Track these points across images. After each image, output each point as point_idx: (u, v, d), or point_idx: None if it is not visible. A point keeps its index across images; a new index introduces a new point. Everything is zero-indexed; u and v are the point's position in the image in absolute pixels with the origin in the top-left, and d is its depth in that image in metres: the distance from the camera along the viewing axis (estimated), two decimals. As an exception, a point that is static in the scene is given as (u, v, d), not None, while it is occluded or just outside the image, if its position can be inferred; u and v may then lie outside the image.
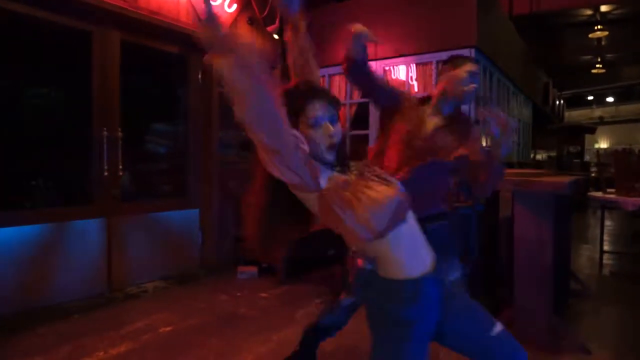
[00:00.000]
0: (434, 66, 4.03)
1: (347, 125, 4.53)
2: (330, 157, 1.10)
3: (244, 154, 4.54)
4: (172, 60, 3.76)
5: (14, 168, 2.89)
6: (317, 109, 1.09)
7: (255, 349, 2.31)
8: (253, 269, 3.75)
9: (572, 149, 9.26)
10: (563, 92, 12.26)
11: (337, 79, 4.63)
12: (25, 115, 3.11)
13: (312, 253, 3.92)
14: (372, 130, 4.33)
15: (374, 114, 4.35)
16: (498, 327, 1.21)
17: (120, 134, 3.11)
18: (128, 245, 3.24)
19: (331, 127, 1.09)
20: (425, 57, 4.09)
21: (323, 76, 4.67)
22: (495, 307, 2.83)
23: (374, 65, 4.34)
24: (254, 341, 2.40)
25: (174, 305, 3.00)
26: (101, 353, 2.25)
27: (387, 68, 4.32)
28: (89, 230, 3.04)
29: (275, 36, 4.36)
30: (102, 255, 3.10)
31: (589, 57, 10.91)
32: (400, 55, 4.22)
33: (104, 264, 3.11)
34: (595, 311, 2.97)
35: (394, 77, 4.38)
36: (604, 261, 4.17)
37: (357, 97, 4.51)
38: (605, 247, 4.42)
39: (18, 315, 2.64)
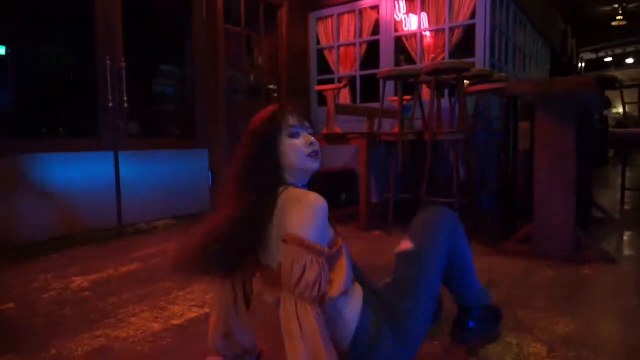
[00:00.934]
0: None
1: (357, 65, 4.39)
2: (313, 165, 1.05)
3: (252, 100, 4.46)
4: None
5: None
6: (295, 121, 1.06)
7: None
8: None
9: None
10: (581, 50, 11.80)
11: (346, 17, 4.47)
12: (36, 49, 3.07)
13: (327, 197, 3.86)
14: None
15: (384, 53, 4.21)
16: None
17: (123, 64, 3.03)
18: (138, 181, 3.20)
19: (311, 137, 1.06)
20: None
21: (332, 16, 4.52)
22: (512, 232, 2.75)
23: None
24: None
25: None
26: (112, 270, 2.23)
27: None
28: (98, 164, 3.00)
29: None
30: (111, 190, 3.07)
31: (610, 8, 10.45)
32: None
33: (114, 198, 3.08)
34: (619, 234, 2.87)
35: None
36: (626, 199, 4.04)
37: (367, 36, 4.35)
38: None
39: (30, 243, 2.63)
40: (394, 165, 2.96)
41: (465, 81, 3.16)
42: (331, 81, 4.55)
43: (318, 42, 4.66)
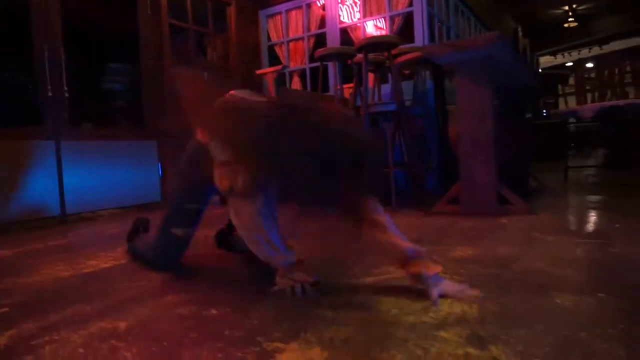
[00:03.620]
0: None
1: (307, 58, 4.51)
2: None
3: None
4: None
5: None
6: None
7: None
8: (215, 198, 3.73)
9: (548, 100, 9.28)
10: (537, 53, 12.21)
11: (294, 13, 4.60)
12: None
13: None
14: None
15: (331, 45, 4.33)
16: None
17: (63, 55, 3.07)
18: (82, 171, 3.20)
19: None
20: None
21: (280, 12, 4.65)
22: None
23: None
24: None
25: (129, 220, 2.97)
26: (40, 245, 2.22)
27: None
28: (40, 153, 2.99)
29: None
30: (54, 179, 3.06)
31: (560, 10, 10.94)
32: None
33: (56, 187, 3.06)
34: (548, 198, 2.98)
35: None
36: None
37: (314, 30, 4.49)
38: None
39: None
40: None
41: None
42: (282, 76, 4.65)
43: (269, 39, 4.78)
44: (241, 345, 0.88)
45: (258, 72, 3.27)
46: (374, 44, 2.80)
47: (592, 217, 2.16)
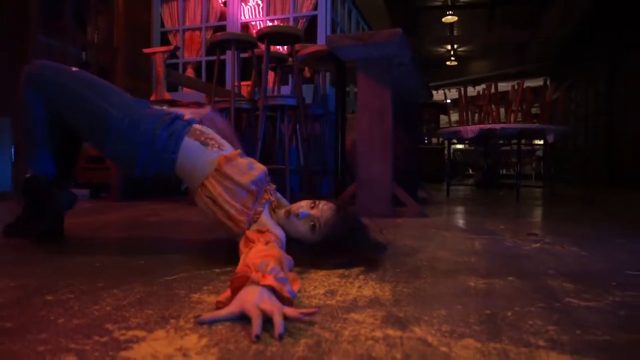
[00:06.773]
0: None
1: (203, 50, 4.21)
2: None
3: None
4: None
5: None
6: None
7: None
8: (84, 190, 3.22)
9: (430, 126, 10.10)
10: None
11: (192, 1, 4.28)
12: None
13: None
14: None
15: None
16: None
17: None
18: None
19: None
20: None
21: None
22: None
23: None
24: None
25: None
26: None
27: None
28: None
29: None
30: None
31: (444, 50, 12.09)
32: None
33: None
34: (435, 207, 3.09)
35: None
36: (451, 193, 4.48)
37: (213, 22, 4.22)
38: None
39: None
40: (227, 134, 2.79)
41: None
42: (175, 66, 4.28)
43: (162, 25, 4.37)
44: (79, 335, 0.61)
45: (146, 50, 2.90)
46: (277, 34, 2.65)
47: (480, 220, 2.23)
